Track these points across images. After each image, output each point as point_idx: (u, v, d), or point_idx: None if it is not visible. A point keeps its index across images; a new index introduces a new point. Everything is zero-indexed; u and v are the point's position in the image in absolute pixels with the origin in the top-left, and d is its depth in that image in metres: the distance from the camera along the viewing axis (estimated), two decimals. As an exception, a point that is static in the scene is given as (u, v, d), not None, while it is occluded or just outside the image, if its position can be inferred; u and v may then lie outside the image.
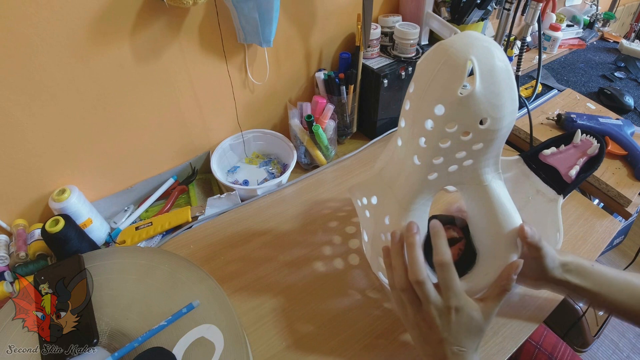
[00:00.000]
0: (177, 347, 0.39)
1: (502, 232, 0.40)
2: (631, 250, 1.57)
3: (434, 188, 0.41)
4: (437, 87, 0.34)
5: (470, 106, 0.33)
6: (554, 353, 0.67)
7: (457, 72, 0.32)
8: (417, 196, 0.40)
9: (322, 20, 0.73)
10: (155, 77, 0.59)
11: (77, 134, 0.57)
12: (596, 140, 0.51)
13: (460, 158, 0.38)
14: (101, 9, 0.49)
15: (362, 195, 0.50)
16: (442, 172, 0.39)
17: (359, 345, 0.49)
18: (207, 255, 0.59)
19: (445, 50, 0.33)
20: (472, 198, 0.42)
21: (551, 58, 1.13)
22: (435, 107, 0.34)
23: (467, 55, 0.32)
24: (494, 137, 0.36)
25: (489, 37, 0.34)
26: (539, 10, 0.76)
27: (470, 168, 0.39)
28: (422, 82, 0.35)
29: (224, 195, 0.68)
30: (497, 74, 0.33)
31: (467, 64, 0.32)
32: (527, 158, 0.55)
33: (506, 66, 0.33)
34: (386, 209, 0.44)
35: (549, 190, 0.53)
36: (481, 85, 0.32)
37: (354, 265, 0.58)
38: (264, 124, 0.80)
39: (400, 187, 0.41)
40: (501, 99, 0.34)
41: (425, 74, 0.35)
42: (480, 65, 0.32)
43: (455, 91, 0.33)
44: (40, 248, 0.56)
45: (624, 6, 1.51)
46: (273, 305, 0.53)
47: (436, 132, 0.35)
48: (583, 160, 0.51)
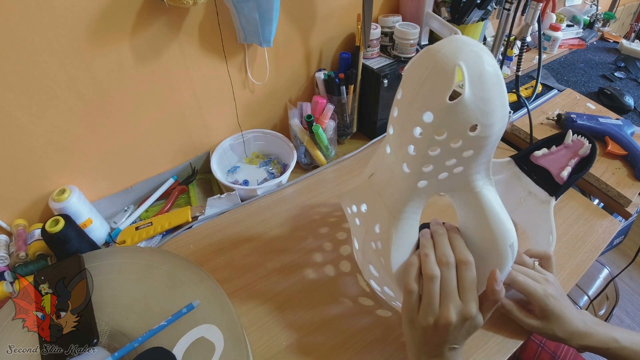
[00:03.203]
0: (177, 347, 0.39)
1: (493, 239, 0.39)
2: (631, 250, 1.57)
3: (424, 196, 0.40)
4: (425, 93, 0.33)
5: (460, 113, 0.32)
6: (557, 351, 0.67)
7: (446, 78, 0.31)
8: (407, 204, 0.39)
9: (322, 20, 0.73)
10: (155, 77, 0.59)
11: (77, 134, 0.57)
12: (587, 140, 0.50)
13: (450, 165, 0.37)
14: (101, 9, 0.49)
15: (351, 203, 0.49)
16: (432, 179, 0.38)
17: (359, 346, 0.49)
18: (207, 255, 0.59)
19: (433, 56, 0.32)
20: (463, 205, 0.41)
21: (551, 58, 1.13)
22: (423, 115, 0.33)
23: (455, 61, 0.31)
24: (484, 143, 0.35)
25: (478, 42, 0.33)
26: (539, 10, 0.76)
27: (461, 175, 0.38)
28: (409, 89, 0.34)
29: (224, 195, 0.68)
30: (487, 80, 0.31)
31: (456, 69, 0.31)
32: (518, 160, 0.55)
33: (496, 71, 0.32)
34: (376, 217, 0.43)
35: (541, 192, 0.52)
36: (470, 91, 0.31)
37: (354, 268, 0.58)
38: (264, 124, 0.80)
39: (389, 195, 0.41)
40: (491, 105, 0.32)
41: (413, 80, 0.34)
42: (469, 70, 0.31)
43: (444, 98, 0.31)
44: (40, 248, 0.56)
45: (624, 6, 1.51)
46: (273, 305, 0.53)
47: (425, 140, 0.34)
48: (575, 161, 0.50)
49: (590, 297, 1.06)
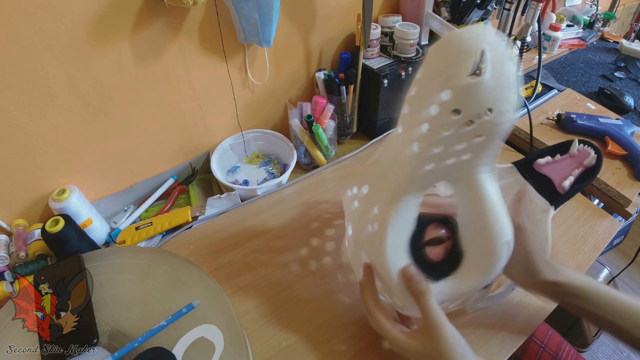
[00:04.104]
0: (177, 347, 0.39)
1: (490, 233, 0.40)
2: (631, 250, 1.57)
3: (428, 180, 0.40)
4: (447, 72, 0.34)
5: (478, 94, 0.33)
6: (558, 353, 0.67)
7: (468, 59, 0.32)
8: (410, 187, 0.40)
9: (322, 20, 0.73)
10: (155, 77, 0.59)
11: (77, 134, 0.57)
12: (594, 150, 0.50)
13: (459, 150, 0.37)
14: (101, 9, 0.49)
15: (353, 185, 0.49)
16: (439, 163, 0.38)
17: (359, 345, 0.49)
18: (207, 255, 0.59)
19: (458, 37, 0.33)
20: (464, 196, 0.42)
21: (551, 58, 1.13)
22: (442, 92, 0.34)
23: (481, 44, 0.32)
24: (495, 130, 0.36)
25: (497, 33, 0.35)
26: (539, 10, 0.76)
27: (467, 163, 0.39)
28: (432, 67, 0.36)
29: (224, 195, 0.68)
30: (507, 67, 0.33)
31: (480, 52, 0.32)
32: (521, 167, 0.54)
33: (514, 62, 0.34)
34: (376, 199, 0.43)
35: (542, 201, 0.51)
36: (491, 74, 0.32)
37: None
38: (264, 124, 0.80)
39: (394, 175, 0.41)
40: (508, 92, 0.34)
41: (436, 60, 0.35)
42: (493, 54, 0.32)
43: (463, 77, 0.33)
44: (40, 248, 0.56)
45: (624, 6, 1.51)
46: (273, 305, 0.53)
47: (440, 118, 0.35)
48: (579, 171, 0.50)
49: (590, 297, 1.06)
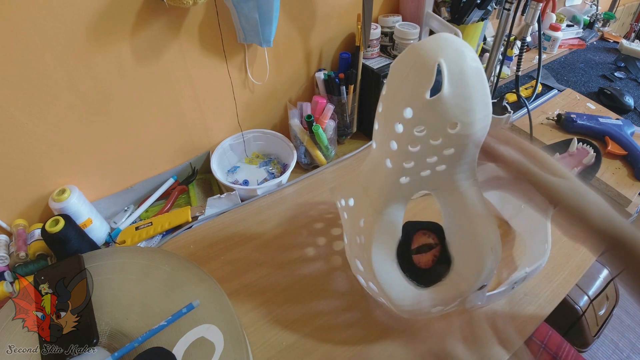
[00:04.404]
0: (177, 347, 0.39)
1: (476, 239, 0.39)
2: (631, 250, 1.56)
3: (407, 192, 0.40)
4: (406, 89, 0.33)
5: (439, 110, 0.32)
6: (558, 353, 0.67)
7: (426, 74, 0.31)
8: (389, 200, 0.39)
9: (322, 20, 0.73)
10: (155, 77, 0.59)
11: (77, 134, 0.57)
12: (593, 149, 0.50)
13: (432, 163, 0.37)
14: (101, 9, 0.49)
15: (340, 197, 0.49)
16: (414, 176, 0.38)
17: (360, 345, 0.49)
18: (207, 255, 0.59)
19: (415, 53, 0.32)
20: (447, 204, 0.41)
21: (551, 58, 1.13)
22: (404, 110, 0.34)
23: (436, 57, 0.31)
24: (465, 142, 0.35)
25: (462, 40, 0.33)
26: (539, 10, 0.76)
27: (444, 173, 0.38)
28: (393, 84, 0.35)
29: (224, 195, 0.67)
30: (468, 78, 0.32)
31: (436, 66, 0.31)
32: None
33: (478, 70, 0.32)
34: (361, 212, 0.43)
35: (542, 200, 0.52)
36: (450, 88, 0.31)
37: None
38: (264, 124, 0.80)
39: (374, 189, 0.41)
40: (471, 103, 0.32)
41: (396, 76, 0.34)
42: (450, 67, 0.31)
43: (423, 94, 0.32)
44: (40, 248, 0.56)
45: (624, 6, 1.51)
46: (273, 305, 0.53)
47: (406, 136, 0.35)
48: (578, 169, 0.50)
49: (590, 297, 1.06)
